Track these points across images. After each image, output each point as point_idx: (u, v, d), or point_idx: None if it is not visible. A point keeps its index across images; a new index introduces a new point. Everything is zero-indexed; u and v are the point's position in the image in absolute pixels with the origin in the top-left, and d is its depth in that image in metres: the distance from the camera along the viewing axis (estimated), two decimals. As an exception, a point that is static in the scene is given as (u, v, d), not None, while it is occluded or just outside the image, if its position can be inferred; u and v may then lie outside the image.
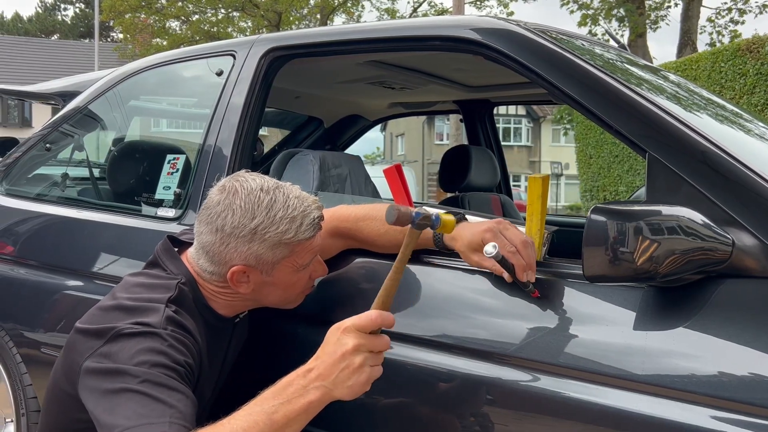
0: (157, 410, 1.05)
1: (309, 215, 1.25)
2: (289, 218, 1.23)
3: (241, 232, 1.22)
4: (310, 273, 1.33)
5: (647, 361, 1.04)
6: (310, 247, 1.28)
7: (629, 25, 15.59)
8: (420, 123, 28.46)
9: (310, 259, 1.29)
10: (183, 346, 1.18)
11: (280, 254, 1.25)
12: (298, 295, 1.35)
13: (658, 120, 1.17)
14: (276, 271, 1.27)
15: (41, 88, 2.62)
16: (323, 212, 1.33)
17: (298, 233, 1.23)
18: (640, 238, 1.02)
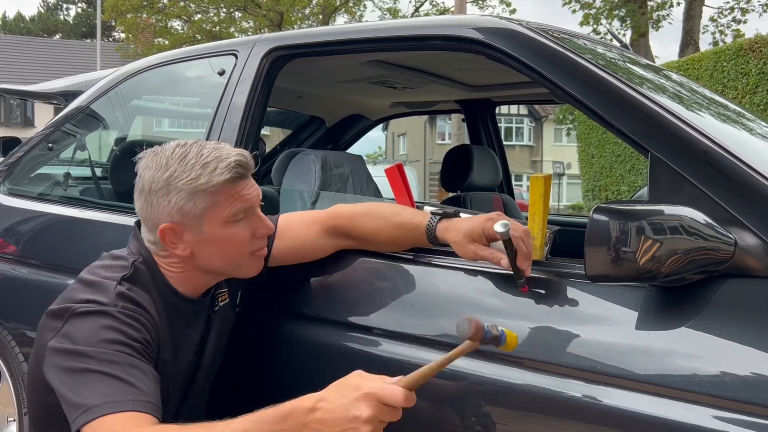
0: (119, 389, 1.07)
1: (224, 160, 1.22)
2: (202, 164, 1.21)
3: (157, 185, 1.23)
4: (253, 230, 1.27)
5: (649, 361, 1.04)
6: (236, 196, 1.23)
7: (631, 25, 15.58)
8: (422, 122, 28.46)
9: (240, 210, 1.24)
10: (136, 322, 1.17)
11: (201, 204, 1.22)
12: (246, 258, 1.29)
13: (660, 119, 1.17)
14: (205, 225, 1.23)
15: (43, 88, 2.62)
16: (329, 211, 1.34)
17: (212, 177, 1.20)
18: (643, 237, 1.02)
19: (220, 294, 1.40)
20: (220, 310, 1.40)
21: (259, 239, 1.29)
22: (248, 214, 1.26)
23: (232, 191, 1.23)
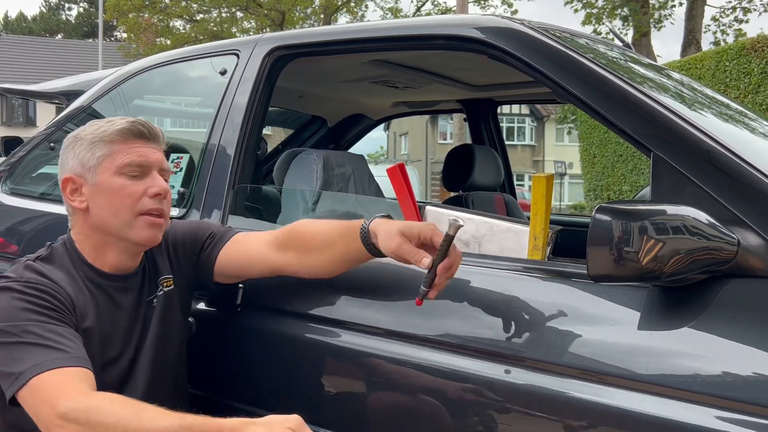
0: (42, 353, 1.11)
1: (128, 119, 1.31)
2: (107, 121, 1.32)
3: (66, 142, 1.34)
4: (145, 188, 1.29)
5: (652, 361, 1.03)
6: (133, 150, 1.29)
7: (633, 24, 15.56)
8: (423, 122, 28.46)
9: (134, 164, 1.29)
10: (41, 292, 1.19)
11: (98, 152, 1.28)
12: (135, 218, 1.29)
13: (662, 119, 1.17)
14: (99, 174, 1.29)
15: (45, 88, 2.62)
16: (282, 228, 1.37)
17: (111, 128, 1.29)
18: (645, 237, 1.02)
19: (164, 280, 1.41)
20: (161, 297, 1.39)
21: (150, 199, 1.29)
22: (144, 173, 1.30)
23: (130, 144, 1.30)
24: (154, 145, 1.33)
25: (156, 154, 1.33)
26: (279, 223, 1.97)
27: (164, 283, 1.41)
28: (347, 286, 1.43)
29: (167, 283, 1.42)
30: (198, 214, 1.74)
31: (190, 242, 1.47)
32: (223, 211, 1.70)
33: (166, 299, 1.40)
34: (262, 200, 2.14)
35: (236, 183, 1.73)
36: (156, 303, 1.39)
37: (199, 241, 1.47)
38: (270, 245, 1.39)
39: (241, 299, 1.52)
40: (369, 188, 2.26)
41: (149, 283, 1.39)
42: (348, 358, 1.35)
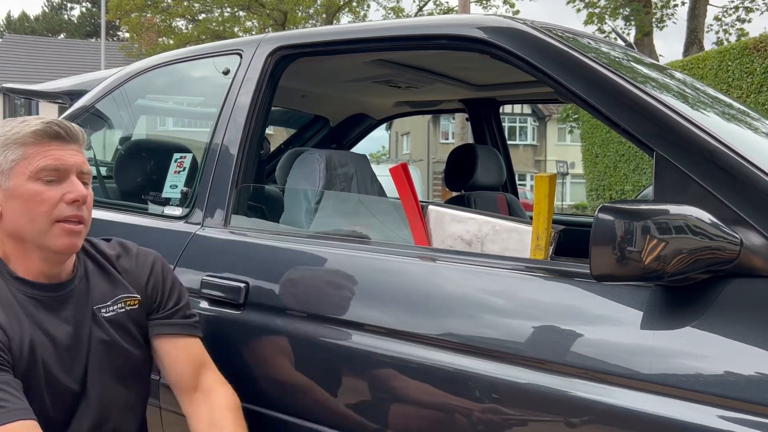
0: None
1: (43, 119, 1.22)
2: (21, 121, 1.24)
3: None
4: (63, 194, 1.21)
5: (654, 361, 1.04)
6: (48, 153, 1.21)
7: (635, 24, 15.54)
8: (425, 122, 28.45)
9: (50, 168, 1.20)
10: None
11: (11, 155, 1.21)
12: (51, 225, 1.21)
13: (665, 118, 1.17)
14: (12, 179, 1.21)
15: (49, 87, 2.62)
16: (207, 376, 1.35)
17: (24, 129, 1.21)
18: (648, 237, 1.02)
19: (128, 298, 1.35)
20: (121, 314, 1.33)
21: (68, 205, 1.21)
22: (62, 178, 1.22)
23: (45, 146, 1.21)
24: (72, 147, 1.24)
25: (74, 157, 1.24)
26: (282, 222, 1.97)
27: (127, 301, 1.35)
28: (350, 285, 1.43)
29: (131, 302, 1.35)
30: (201, 213, 1.74)
31: (161, 293, 1.40)
32: (226, 210, 1.71)
33: (125, 317, 1.34)
34: (264, 200, 2.14)
35: (239, 182, 1.73)
36: (109, 316, 1.32)
37: (165, 301, 1.40)
38: (192, 378, 1.36)
39: (244, 298, 1.52)
40: (371, 188, 2.26)
41: (96, 292, 1.32)
42: (350, 357, 1.35)
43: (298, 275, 1.50)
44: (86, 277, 1.33)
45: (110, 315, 1.32)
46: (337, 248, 1.50)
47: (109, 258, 1.39)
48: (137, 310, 1.36)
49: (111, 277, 1.36)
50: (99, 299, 1.32)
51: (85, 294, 1.31)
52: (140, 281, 1.39)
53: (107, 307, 1.32)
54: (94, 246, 1.40)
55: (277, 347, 1.47)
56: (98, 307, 1.31)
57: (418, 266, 1.39)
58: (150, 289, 1.39)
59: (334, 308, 1.41)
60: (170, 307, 1.40)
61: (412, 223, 1.65)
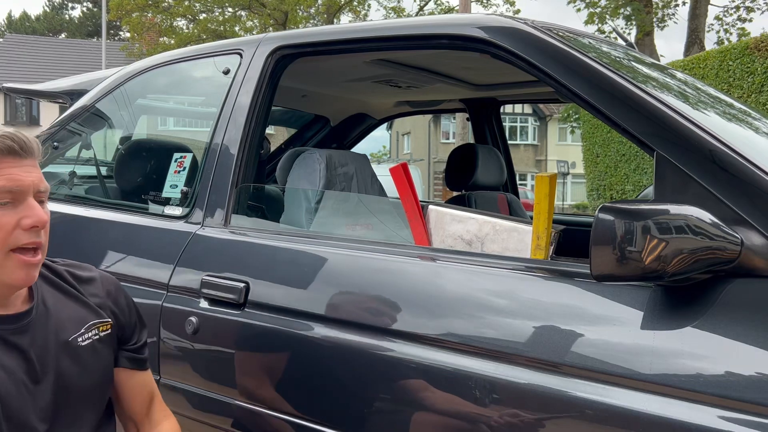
0: None
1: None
2: None
3: None
4: (19, 219, 1.07)
5: (655, 361, 1.03)
6: (3, 171, 1.06)
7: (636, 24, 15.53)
8: (426, 121, 28.46)
9: (4, 188, 1.06)
10: None
11: None
12: (6, 253, 1.08)
13: (665, 118, 1.17)
14: None
15: (49, 87, 2.63)
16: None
17: None
18: (648, 237, 1.02)
19: (100, 324, 1.25)
20: (96, 342, 1.23)
21: (25, 231, 1.07)
22: (17, 200, 1.07)
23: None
24: (28, 163, 1.09)
25: (31, 175, 1.08)
26: (282, 222, 1.97)
27: (100, 327, 1.25)
28: (350, 285, 1.43)
29: (104, 327, 1.26)
30: (201, 213, 1.74)
31: (130, 325, 1.32)
32: (225, 210, 1.71)
33: (99, 343, 1.24)
34: (265, 199, 2.14)
35: (239, 182, 1.73)
36: (85, 344, 1.22)
37: (132, 333, 1.33)
38: (143, 409, 1.32)
39: (244, 298, 1.52)
40: (372, 188, 2.26)
41: (61, 320, 1.21)
42: (350, 357, 1.35)
43: (298, 275, 1.50)
44: (45, 305, 1.20)
45: (86, 343, 1.22)
46: (338, 248, 1.50)
47: (70, 281, 1.27)
48: (110, 334, 1.27)
49: (77, 302, 1.25)
50: (69, 327, 1.21)
51: (45, 323, 1.18)
52: (109, 307, 1.29)
53: (81, 335, 1.21)
54: (51, 269, 1.27)
55: (277, 347, 1.47)
56: (73, 336, 1.20)
57: (418, 266, 1.38)
58: (120, 318, 1.30)
59: (334, 308, 1.41)
60: (135, 341, 1.33)
61: (412, 223, 1.65)
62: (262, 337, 1.49)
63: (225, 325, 1.55)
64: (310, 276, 1.49)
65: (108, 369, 1.28)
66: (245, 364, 1.53)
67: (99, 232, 1.95)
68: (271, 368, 1.48)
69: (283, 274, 1.53)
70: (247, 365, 1.53)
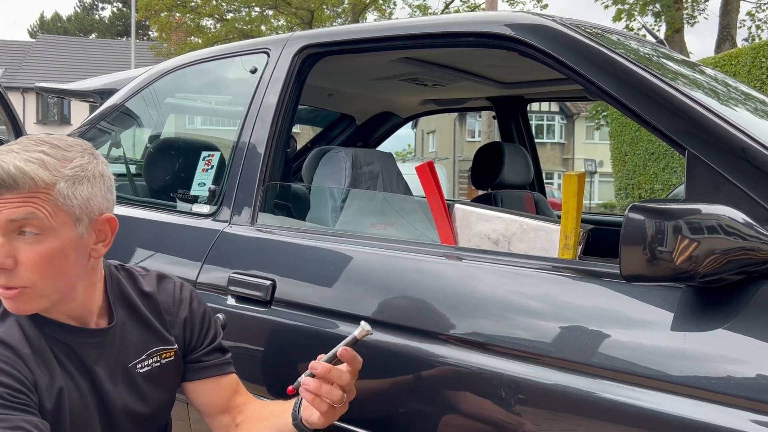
0: None
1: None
2: None
3: None
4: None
5: (685, 363, 1.02)
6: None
7: (665, 20, 15.30)
8: (451, 120, 28.37)
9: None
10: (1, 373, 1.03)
11: None
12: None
13: (697, 116, 1.15)
14: None
15: (80, 86, 2.67)
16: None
17: None
18: (680, 237, 1.00)
19: (163, 351, 1.26)
20: (156, 369, 1.24)
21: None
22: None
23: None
24: (4, 199, 1.03)
25: (0, 214, 1.03)
26: (308, 220, 1.98)
27: (162, 354, 1.26)
28: (376, 283, 1.43)
29: (167, 354, 1.27)
30: (228, 211, 1.75)
31: (198, 333, 1.33)
32: (253, 208, 1.72)
33: (160, 370, 1.25)
34: (291, 197, 2.15)
35: (266, 180, 1.74)
36: (144, 372, 1.23)
37: (201, 340, 1.34)
38: (226, 403, 1.33)
39: (271, 295, 1.53)
40: (397, 186, 2.26)
41: (130, 344, 1.22)
42: (376, 355, 1.35)
43: (324, 273, 1.51)
44: (124, 326, 1.22)
45: (144, 371, 1.23)
46: (364, 246, 1.50)
47: (149, 297, 1.29)
48: (173, 361, 1.28)
49: (146, 325, 1.26)
50: (133, 353, 1.22)
51: (120, 345, 1.21)
52: (179, 319, 1.30)
53: (141, 362, 1.23)
54: (134, 282, 1.29)
55: (303, 344, 1.48)
56: (132, 363, 1.22)
57: (444, 265, 1.38)
58: (188, 328, 1.31)
59: (360, 306, 1.41)
60: (207, 344, 1.33)
61: (438, 222, 1.64)
62: (288, 335, 1.50)
63: (252, 322, 1.56)
64: (336, 274, 1.49)
65: (166, 398, 1.28)
66: (271, 361, 1.54)
67: (128, 229, 1.97)
68: (297, 365, 1.49)
69: (309, 272, 1.54)
70: (273, 362, 1.54)
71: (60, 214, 1.06)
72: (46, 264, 1.06)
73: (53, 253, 1.06)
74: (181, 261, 1.76)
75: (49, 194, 1.05)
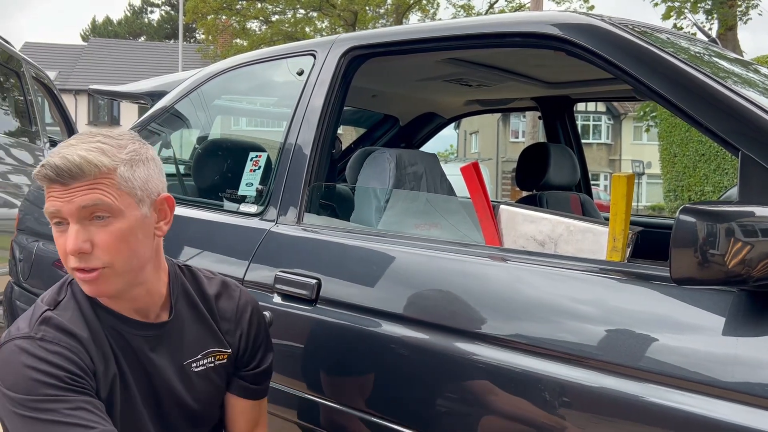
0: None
1: (48, 158, 1.11)
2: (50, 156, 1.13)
3: None
4: (66, 242, 1.11)
5: (738, 369, 1.00)
6: (50, 196, 1.11)
7: (717, 17, 14.90)
8: (494, 120, 28.16)
9: (49, 213, 1.11)
10: (61, 357, 1.09)
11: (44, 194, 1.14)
12: (71, 269, 1.14)
13: (752, 116, 1.12)
14: None
15: (131, 89, 2.74)
16: None
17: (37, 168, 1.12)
18: (732, 239, 0.98)
19: (216, 353, 1.29)
20: (210, 370, 1.28)
21: (69, 256, 1.11)
22: (66, 223, 1.12)
23: (48, 189, 1.12)
24: (73, 187, 1.10)
25: (72, 202, 1.09)
26: (352, 220, 2.00)
27: (217, 355, 1.29)
28: (421, 283, 1.43)
29: (221, 356, 1.30)
30: (275, 211, 1.78)
31: (251, 349, 1.35)
32: (298, 208, 1.74)
33: (213, 371, 1.29)
34: (336, 198, 2.17)
35: (312, 181, 1.76)
36: (198, 371, 1.27)
37: (253, 357, 1.36)
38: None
39: (316, 294, 1.55)
40: (441, 187, 2.26)
41: (187, 341, 1.27)
42: (419, 355, 1.35)
43: (369, 273, 1.52)
44: (180, 320, 1.26)
45: (199, 370, 1.27)
46: (408, 247, 1.51)
47: (209, 300, 1.32)
48: (225, 364, 1.31)
49: (204, 325, 1.29)
50: (189, 351, 1.26)
51: (177, 341, 1.25)
52: (235, 330, 1.32)
53: (197, 361, 1.27)
54: (197, 283, 1.33)
55: (347, 343, 1.49)
56: (188, 361, 1.26)
57: (490, 266, 1.38)
58: (243, 342, 1.33)
59: (404, 306, 1.42)
60: (255, 365, 1.35)
61: (483, 223, 1.64)
62: (332, 333, 1.52)
63: (297, 320, 1.58)
64: (380, 274, 1.50)
65: (217, 396, 1.32)
66: (315, 359, 1.56)
67: (178, 228, 2.01)
68: (341, 363, 1.50)
69: (354, 271, 1.55)
70: (317, 359, 1.55)
71: (124, 196, 1.13)
72: (119, 243, 1.12)
73: (124, 233, 1.13)
74: (229, 259, 1.79)
75: (112, 179, 1.12)
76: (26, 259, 2.35)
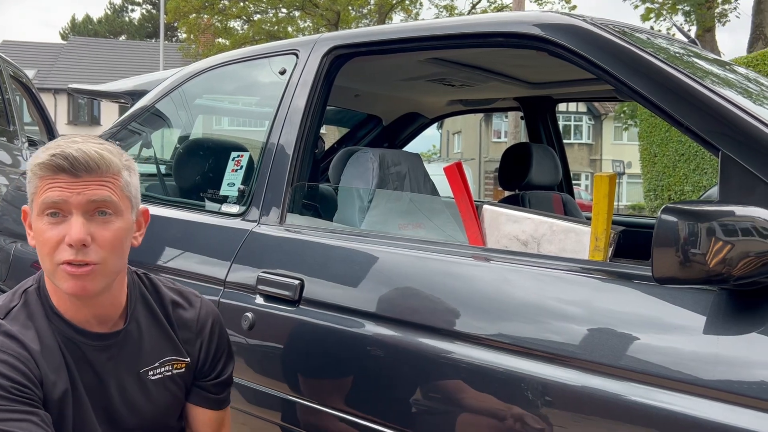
0: None
1: (58, 147, 1.11)
2: (44, 149, 1.13)
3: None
4: (64, 235, 1.09)
5: (718, 367, 1.00)
6: (52, 186, 1.09)
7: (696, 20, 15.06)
8: (477, 120, 28.27)
9: (50, 202, 1.09)
10: (9, 367, 1.07)
11: (31, 186, 1.13)
12: (56, 267, 1.11)
13: (731, 116, 1.13)
14: (33, 210, 1.14)
15: (112, 88, 2.71)
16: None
17: (37, 159, 1.11)
18: (713, 239, 0.99)
19: (174, 361, 1.27)
20: (167, 378, 1.26)
21: (68, 248, 1.09)
22: (65, 214, 1.10)
23: (51, 180, 1.10)
24: (84, 180, 1.10)
25: (82, 194, 1.09)
26: (335, 220, 1.99)
27: (174, 364, 1.28)
28: (404, 284, 1.43)
29: (178, 365, 1.28)
30: (257, 211, 1.77)
31: (211, 360, 1.33)
32: (281, 208, 1.73)
33: (170, 379, 1.27)
34: (319, 198, 2.16)
35: (294, 181, 1.75)
36: (155, 379, 1.25)
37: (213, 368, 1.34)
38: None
39: (299, 295, 1.54)
40: (424, 187, 2.26)
41: (145, 349, 1.24)
42: (403, 355, 1.35)
43: (352, 273, 1.51)
44: (138, 329, 1.24)
45: (156, 378, 1.25)
46: (390, 247, 1.51)
47: (167, 309, 1.30)
48: (183, 373, 1.29)
49: (162, 334, 1.28)
50: (146, 359, 1.24)
51: (134, 349, 1.23)
52: (195, 340, 1.31)
53: (154, 369, 1.25)
54: (157, 291, 1.31)
55: (331, 344, 1.49)
56: (144, 369, 1.24)
57: (473, 266, 1.38)
58: (203, 353, 1.32)
59: (388, 307, 1.42)
60: (215, 376, 1.34)
61: (466, 223, 1.64)
62: (315, 334, 1.51)
63: (280, 321, 1.57)
64: (363, 274, 1.49)
65: (175, 405, 1.30)
66: (299, 360, 1.55)
67: (159, 228, 2.00)
68: (324, 364, 1.49)
69: (337, 272, 1.55)
70: (300, 361, 1.55)
71: (124, 199, 1.16)
72: (116, 242, 1.14)
73: (121, 233, 1.15)
74: (211, 260, 1.78)
75: (118, 180, 1.14)
76: (4, 261, 2.32)
